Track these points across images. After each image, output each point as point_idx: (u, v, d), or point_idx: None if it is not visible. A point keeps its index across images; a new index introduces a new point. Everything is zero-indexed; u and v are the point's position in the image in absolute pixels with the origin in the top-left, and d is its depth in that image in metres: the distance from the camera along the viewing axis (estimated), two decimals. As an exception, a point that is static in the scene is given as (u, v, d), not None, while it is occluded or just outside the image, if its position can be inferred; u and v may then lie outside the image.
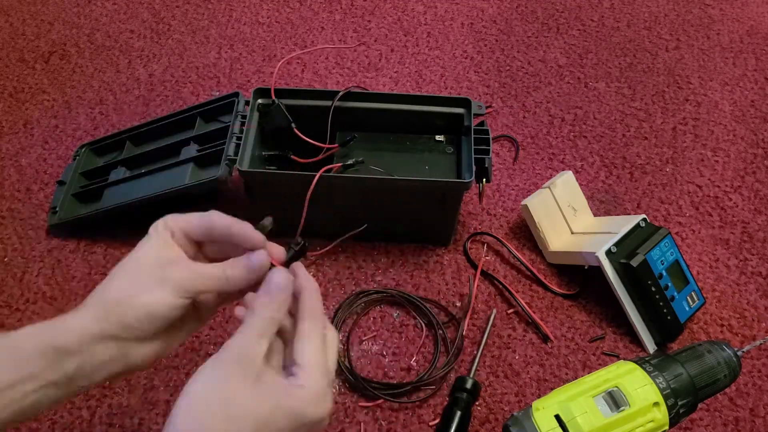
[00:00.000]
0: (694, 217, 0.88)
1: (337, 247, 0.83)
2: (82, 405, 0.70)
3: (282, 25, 1.14)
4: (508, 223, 0.87)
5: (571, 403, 0.52)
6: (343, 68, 1.07)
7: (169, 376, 0.73)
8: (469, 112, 0.78)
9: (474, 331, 0.77)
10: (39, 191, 0.90)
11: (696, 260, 0.83)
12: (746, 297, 0.80)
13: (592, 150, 0.96)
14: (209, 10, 1.17)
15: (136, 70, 1.07)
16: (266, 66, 1.07)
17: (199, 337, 0.76)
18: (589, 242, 0.77)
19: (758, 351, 0.75)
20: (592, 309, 0.79)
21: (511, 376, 0.73)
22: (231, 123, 0.78)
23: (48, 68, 1.07)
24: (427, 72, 1.07)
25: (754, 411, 0.71)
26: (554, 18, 1.16)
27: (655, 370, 0.52)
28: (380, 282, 0.81)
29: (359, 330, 0.77)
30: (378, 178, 0.75)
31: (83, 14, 1.16)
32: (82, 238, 0.84)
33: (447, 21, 1.15)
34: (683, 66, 1.08)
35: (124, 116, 1.00)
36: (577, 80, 1.06)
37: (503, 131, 0.98)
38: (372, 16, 1.16)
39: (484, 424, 0.70)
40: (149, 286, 0.39)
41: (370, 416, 0.70)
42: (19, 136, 0.97)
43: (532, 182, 0.91)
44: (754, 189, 0.91)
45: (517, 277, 0.82)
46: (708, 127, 0.99)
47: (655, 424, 0.50)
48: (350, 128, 0.81)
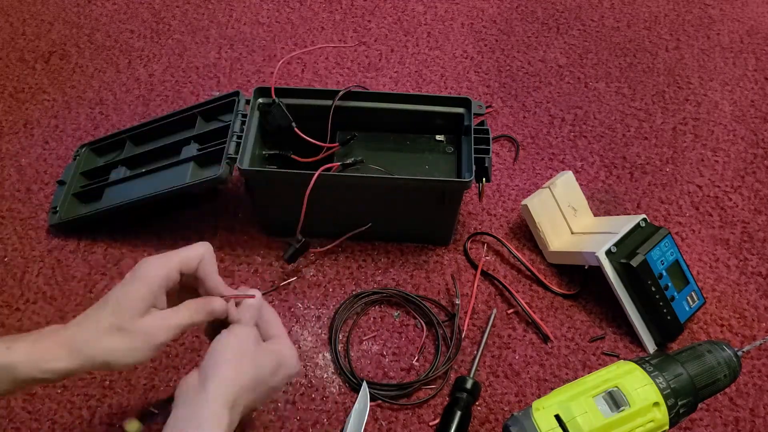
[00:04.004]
0: (694, 217, 0.88)
1: (337, 247, 0.83)
2: (83, 405, 0.70)
3: (282, 25, 1.14)
4: (508, 223, 0.87)
5: (571, 403, 0.52)
6: (343, 68, 1.07)
7: (169, 376, 0.73)
8: (469, 111, 0.78)
9: (474, 331, 0.77)
10: (39, 191, 0.90)
11: (696, 260, 0.83)
12: (746, 297, 0.80)
13: (592, 150, 0.96)
14: (209, 10, 1.17)
15: (136, 70, 1.07)
16: (266, 66, 1.07)
17: (199, 337, 0.76)
18: (589, 242, 0.77)
19: (758, 351, 0.75)
20: (592, 309, 0.79)
21: (511, 376, 0.73)
22: (231, 122, 0.78)
23: (48, 68, 1.07)
24: (427, 72, 1.07)
25: (754, 411, 0.71)
26: (554, 18, 1.16)
27: (655, 370, 0.52)
28: (380, 282, 0.81)
29: (359, 330, 0.77)
30: (378, 177, 0.75)
31: (83, 14, 1.16)
32: (82, 238, 0.84)
33: (447, 21, 1.15)
34: (683, 66, 1.08)
35: (124, 116, 1.00)
36: (577, 80, 1.06)
37: (503, 131, 0.98)
38: (372, 16, 1.16)
39: (484, 424, 0.70)
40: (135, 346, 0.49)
41: (370, 416, 0.70)
42: (19, 136, 0.97)
43: (532, 182, 0.91)
44: (754, 189, 0.91)
45: (517, 277, 0.82)
46: (708, 127, 0.99)
47: (655, 424, 0.50)
48: (350, 128, 0.81)
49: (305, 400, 0.71)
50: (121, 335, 0.48)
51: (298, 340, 0.76)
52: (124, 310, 0.49)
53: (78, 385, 0.72)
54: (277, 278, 0.81)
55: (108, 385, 0.72)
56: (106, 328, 0.48)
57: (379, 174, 0.76)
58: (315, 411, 0.70)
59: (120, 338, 0.48)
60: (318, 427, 0.69)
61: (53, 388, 0.71)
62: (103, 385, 0.72)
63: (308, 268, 0.82)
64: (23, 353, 0.47)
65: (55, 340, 0.48)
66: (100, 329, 0.48)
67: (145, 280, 0.50)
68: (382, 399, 0.71)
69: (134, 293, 0.49)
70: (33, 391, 0.71)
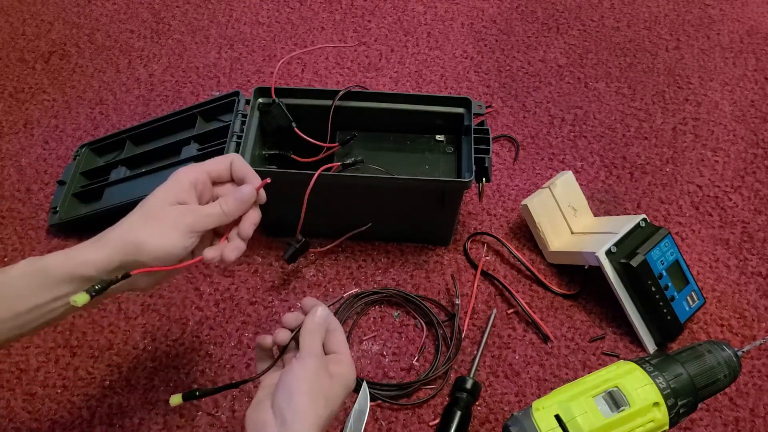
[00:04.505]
0: (694, 217, 0.88)
1: (337, 246, 0.83)
2: (82, 405, 0.70)
3: (282, 25, 1.14)
4: (508, 223, 0.87)
5: (571, 403, 0.52)
6: (343, 68, 1.07)
7: (169, 376, 0.73)
8: (469, 111, 0.78)
9: (474, 331, 0.77)
10: (39, 191, 0.90)
11: (696, 260, 0.83)
12: (746, 297, 0.80)
13: (592, 150, 0.96)
14: (209, 10, 1.17)
15: (136, 70, 1.07)
16: (266, 66, 1.07)
17: (199, 337, 0.76)
18: (589, 242, 0.77)
19: (758, 351, 0.75)
20: (592, 309, 0.79)
21: (511, 376, 0.73)
22: (231, 122, 0.78)
23: (48, 68, 1.07)
24: (427, 72, 1.07)
25: (754, 411, 0.71)
26: (554, 18, 1.16)
27: (655, 370, 0.52)
28: (380, 282, 0.81)
29: (359, 330, 0.77)
30: (378, 177, 0.75)
31: (83, 14, 1.16)
32: (82, 238, 0.83)
33: (447, 21, 1.15)
34: (683, 66, 1.08)
35: (124, 116, 1.00)
36: (577, 80, 1.06)
37: (503, 131, 0.98)
38: (372, 16, 1.16)
39: (484, 424, 0.70)
40: (164, 230, 0.49)
41: (370, 416, 0.70)
42: (19, 136, 0.97)
43: (532, 182, 0.91)
44: (754, 189, 0.91)
45: (517, 277, 0.82)
46: (708, 127, 0.99)
47: (655, 424, 0.50)
48: (350, 128, 0.81)
49: (305, 400, 0.71)
50: (151, 222, 0.49)
51: (298, 340, 0.76)
52: (152, 203, 0.50)
53: (78, 385, 0.72)
54: (277, 278, 0.81)
55: (108, 385, 0.72)
56: (136, 220, 0.49)
57: (379, 174, 0.76)
58: (315, 411, 0.70)
59: (150, 224, 0.49)
60: (318, 427, 0.69)
61: (53, 388, 0.71)
62: (103, 385, 0.72)
63: (308, 268, 0.82)
64: (53, 256, 0.48)
65: (87, 242, 0.49)
66: (132, 222, 0.49)
67: (175, 179, 0.51)
68: (382, 399, 0.71)
69: (163, 191, 0.50)
70: (33, 392, 0.71)
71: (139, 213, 0.50)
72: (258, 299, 0.79)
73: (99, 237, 0.49)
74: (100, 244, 0.48)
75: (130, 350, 0.75)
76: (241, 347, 0.75)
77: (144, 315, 0.78)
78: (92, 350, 0.75)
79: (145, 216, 0.49)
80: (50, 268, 0.47)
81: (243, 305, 0.79)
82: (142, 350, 0.75)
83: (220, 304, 0.79)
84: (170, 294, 0.79)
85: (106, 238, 0.49)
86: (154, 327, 0.77)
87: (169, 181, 0.51)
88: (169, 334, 0.76)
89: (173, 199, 0.50)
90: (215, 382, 0.72)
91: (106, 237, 0.49)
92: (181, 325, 0.77)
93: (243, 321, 0.77)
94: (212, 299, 0.79)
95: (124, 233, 0.48)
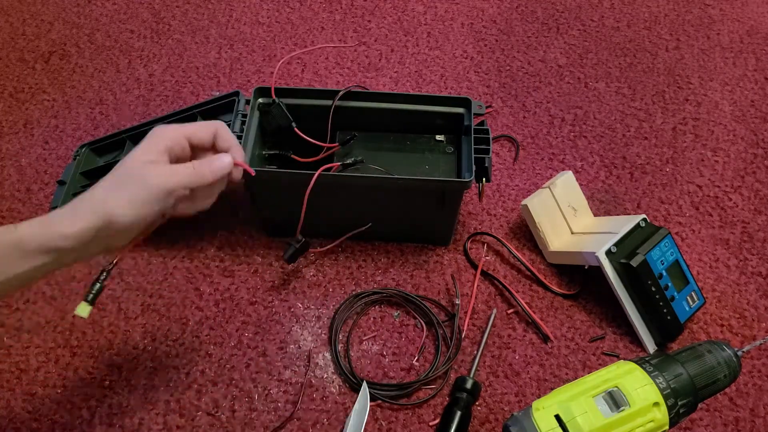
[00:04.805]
0: (694, 217, 0.88)
1: (337, 247, 0.83)
2: (82, 405, 0.70)
3: (282, 25, 1.14)
4: (508, 223, 0.87)
5: (571, 403, 0.52)
6: (343, 68, 1.07)
7: (169, 376, 0.73)
8: (469, 111, 0.78)
9: (474, 331, 0.77)
10: (39, 191, 0.90)
11: (696, 260, 0.83)
12: (746, 297, 0.80)
13: (592, 150, 0.96)
14: (209, 10, 1.17)
15: (136, 70, 1.07)
16: (266, 66, 1.07)
17: (199, 337, 0.76)
18: (589, 242, 0.77)
19: (758, 351, 0.75)
20: (592, 309, 0.79)
21: (511, 376, 0.73)
22: (231, 122, 0.78)
23: (48, 68, 1.07)
24: (427, 72, 1.07)
25: (754, 411, 0.71)
26: (554, 18, 1.16)
27: (655, 370, 0.52)
28: (380, 282, 0.81)
29: (359, 330, 0.77)
30: (378, 178, 0.75)
31: (83, 14, 1.16)
32: (82, 238, 0.84)
33: (447, 21, 1.15)
34: (683, 66, 1.08)
35: (124, 116, 1.00)
36: (577, 80, 1.06)
37: (503, 131, 0.98)
38: (372, 16, 1.16)
39: (484, 424, 0.70)
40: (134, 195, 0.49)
41: (370, 416, 0.70)
42: (19, 136, 0.97)
43: (532, 182, 0.91)
44: (754, 189, 0.91)
45: (517, 277, 0.82)
46: (708, 127, 0.99)
47: (655, 424, 0.50)
48: (350, 128, 0.81)
49: (305, 400, 0.71)
50: (121, 185, 0.49)
51: (298, 340, 0.76)
52: (124, 166, 0.50)
53: (78, 386, 0.72)
54: (277, 278, 0.81)
55: (108, 385, 0.72)
56: (109, 185, 0.49)
57: (379, 174, 0.76)
58: (315, 411, 0.70)
59: (121, 190, 0.49)
60: (318, 427, 0.69)
61: (53, 388, 0.71)
62: (103, 385, 0.72)
63: (308, 268, 0.82)
64: (29, 226, 0.47)
65: (61, 209, 0.49)
66: (104, 186, 0.49)
67: (150, 140, 0.51)
68: (382, 399, 0.71)
69: (137, 152, 0.50)
70: (33, 392, 0.71)
71: (111, 178, 0.50)
72: (258, 299, 0.79)
73: (74, 205, 0.49)
74: (75, 217, 0.48)
75: (130, 350, 0.75)
76: (241, 347, 0.75)
77: (144, 315, 0.78)
78: (92, 350, 0.75)
79: (118, 180, 0.49)
80: (26, 241, 0.47)
81: (243, 305, 0.79)
82: (142, 350, 0.75)
83: (220, 304, 0.79)
84: (170, 294, 0.79)
85: (81, 209, 0.48)
86: (154, 327, 0.77)
87: (146, 141, 0.51)
88: (169, 334, 0.76)
89: (146, 159, 0.50)
90: (215, 382, 0.72)
91: (81, 207, 0.49)
92: (181, 325, 0.77)
93: (243, 321, 0.77)
94: (212, 299, 0.79)
95: (96, 204, 0.48)
